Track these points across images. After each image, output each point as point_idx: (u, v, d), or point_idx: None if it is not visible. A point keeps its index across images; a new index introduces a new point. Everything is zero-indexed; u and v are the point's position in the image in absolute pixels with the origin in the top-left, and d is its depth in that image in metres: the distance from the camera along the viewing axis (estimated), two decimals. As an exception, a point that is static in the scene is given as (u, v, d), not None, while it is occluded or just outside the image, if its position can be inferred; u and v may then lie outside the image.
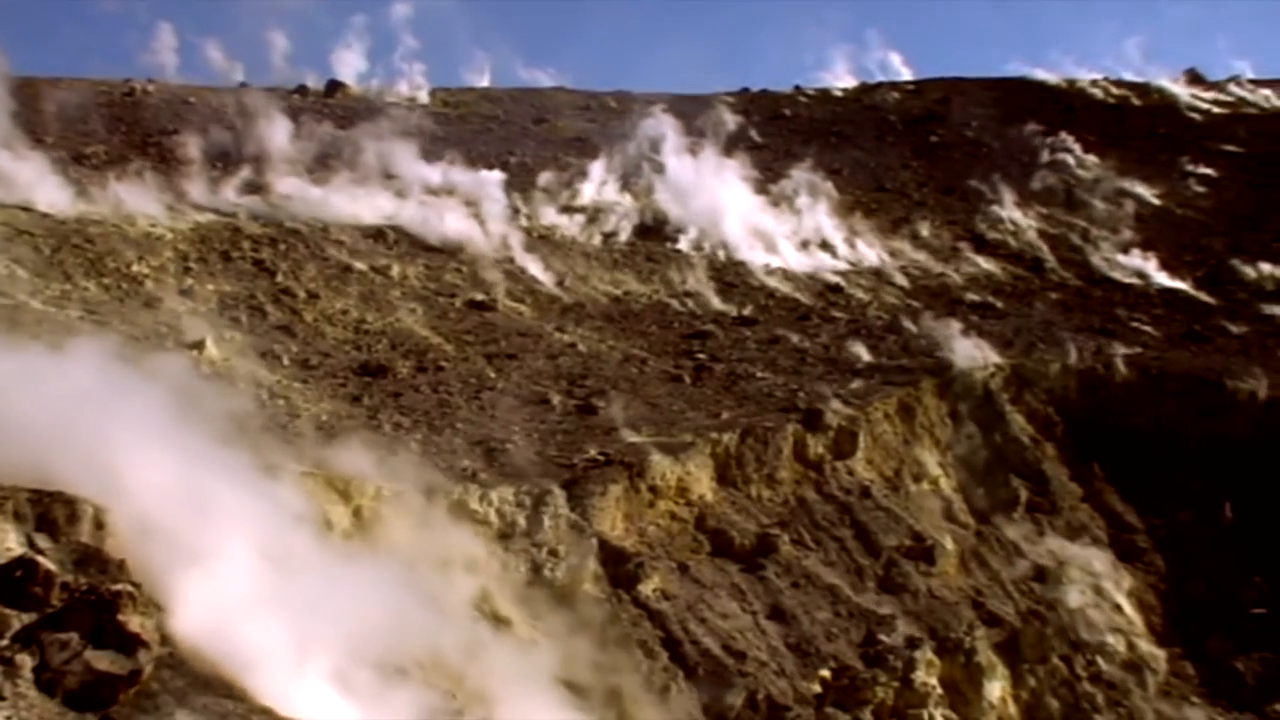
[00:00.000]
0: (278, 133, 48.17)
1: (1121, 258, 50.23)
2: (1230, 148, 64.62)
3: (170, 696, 12.10)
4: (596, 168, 51.22)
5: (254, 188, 42.12)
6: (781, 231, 50.01)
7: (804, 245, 49.39)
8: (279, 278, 35.76)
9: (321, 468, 21.59)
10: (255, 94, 54.22)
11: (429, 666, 18.42)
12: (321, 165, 45.18)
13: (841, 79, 78.18)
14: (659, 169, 51.45)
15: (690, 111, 58.18)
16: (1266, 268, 48.85)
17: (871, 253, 49.70)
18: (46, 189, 36.71)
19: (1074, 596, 30.22)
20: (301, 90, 61.11)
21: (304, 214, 41.02)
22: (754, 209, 50.94)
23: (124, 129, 48.16)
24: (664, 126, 53.82)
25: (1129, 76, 78.97)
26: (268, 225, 39.37)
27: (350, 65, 64.53)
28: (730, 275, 45.21)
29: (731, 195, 50.96)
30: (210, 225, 38.15)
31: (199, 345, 28.48)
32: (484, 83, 72.08)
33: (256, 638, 13.58)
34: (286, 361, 30.38)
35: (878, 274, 47.71)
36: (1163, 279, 48.35)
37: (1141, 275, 48.75)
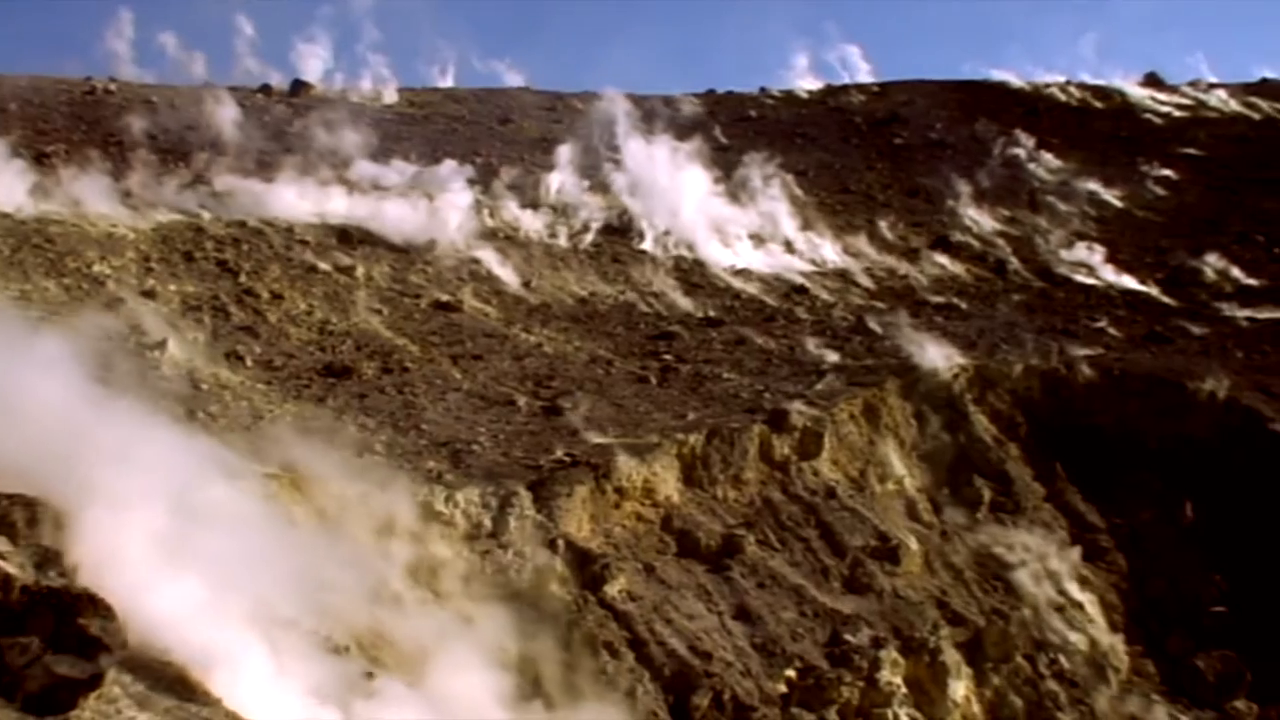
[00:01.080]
0: (240, 132, 47.95)
1: (1083, 259, 50.63)
2: (1190, 150, 65.39)
3: (131, 700, 12.02)
4: (562, 168, 51.17)
5: (216, 188, 41.84)
6: (746, 232, 50.14)
7: (769, 246, 49.53)
8: (242, 278, 35.57)
9: (285, 469, 21.48)
10: (218, 93, 53.94)
11: (366, 640, 18.51)
12: (285, 165, 44.92)
13: (802, 76, 78.74)
14: (624, 170, 51.44)
15: (655, 112, 58.26)
16: (1226, 269, 49.41)
17: (836, 254, 49.90)
18: (5, 188, 36.41)
19: (1037, 596, 30.38)
20: (265, 89, 60.89)
21: (267, 214, 40.80)
22: (718, 210, 51.04)
23: (84, 127, 47.83)
24: (629, 127, 53.85)
25: (1088, 77, 79.93)
26: (230, 225, 39.15)
27: (313, 58, 64.36)
28: (695, 276, 45.28)
29: (696, 196, 51.06)
30: (172, 225, 37.91)
31: (161, 346, 28.31)
32: (448, 82, 72.14)
33: (172, 592, 13.48)
34: (250, 363, 30.22)
35: (842, 275, 47.89)
36: (1124, 280, 48.79)
37: (1103, 277, 49.17)
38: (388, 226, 42.26)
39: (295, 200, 42.48)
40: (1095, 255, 50.86)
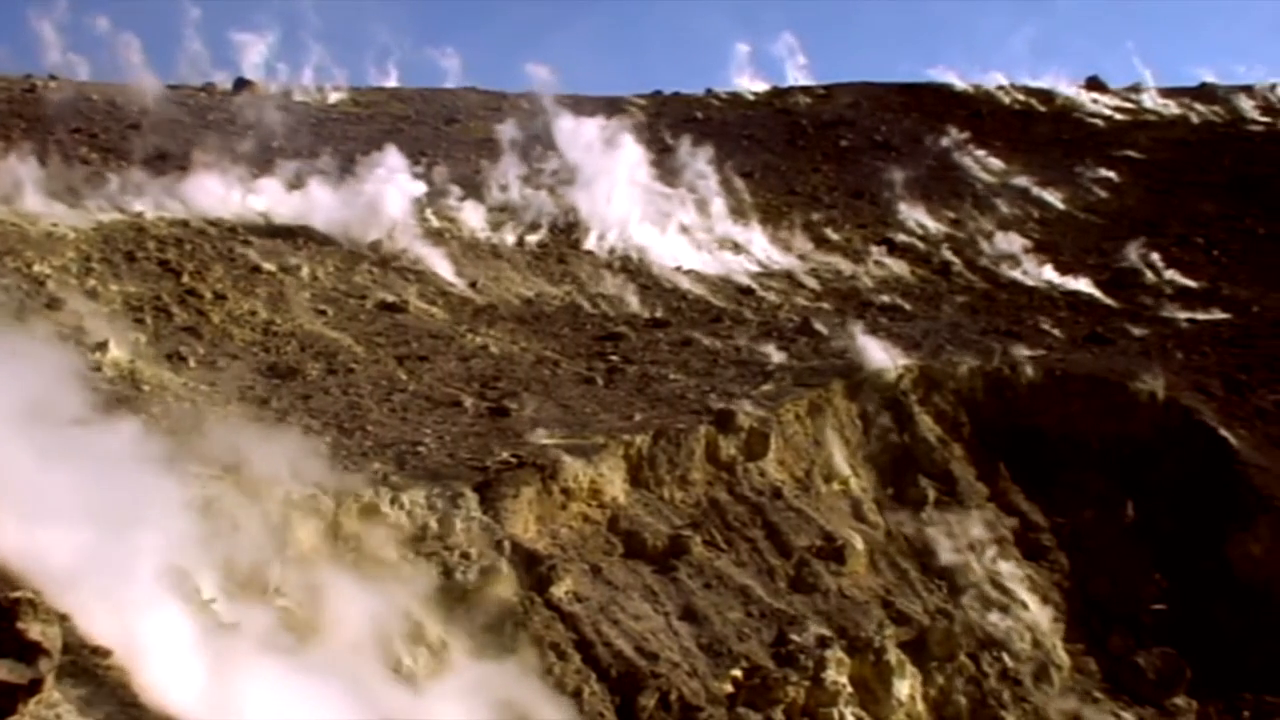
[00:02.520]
0: (183, 131, 47.52)
1: (1026, 261, 51.15)
2: (1131, 153, 66.27)
3: (72, 706, 11.87)
4: (508, 169, 51.08)
5: (159, 187, 41.41)
6: (693, 233, 50.25)
7: (715, 247, 49.68)
8: (185, 278, 35.20)
9: (229, 471, 21.28)
10: (161, 92, 53.45)
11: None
12: (228, 165, 44.52)
13: (742, 67, 79.51)
14: (571, 170, 51.39)
15: (601, 113, 58.24)
16: (1166, 272, 50.13)
17: (782, 255, 50.11)
18: (-57, 187, 35.93)
19: (980, 595, 30.62)
20: (208, 88, 60.43)
21: (210, 214, 40.48)
22: (664, 212, 51.13)
23: (24, 125, 47.23)
24: (576, 128, 53.78)
25: (1030, 80, 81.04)
26: (173, 225, 38.80)
27: (257, 45, 63.99)
28: (642, 277, 45.30)
29: (641, 198, 51.12)
30: (114, 225, 37.51)
31: (102, 347, 27.97)
32: (391, 80, 72.11)
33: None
34: (193, 364, 29.90)
35: (789, 276, 48.10)
36: (1066, 281, 49.33)
37: (1045, 278, 49.69)
38: (332, 226, 42.02)
39: (238, 200, 42.18)
40: (1037, 256, 51.39)
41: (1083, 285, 49.05)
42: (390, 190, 45.46)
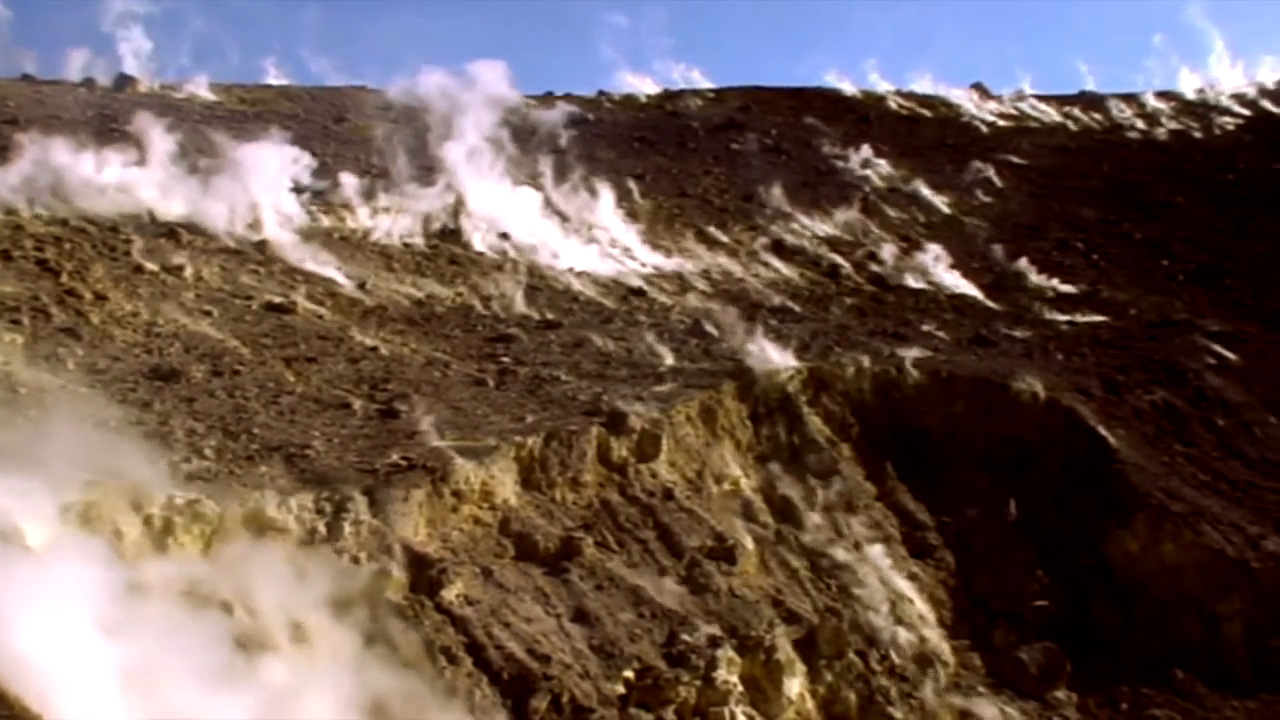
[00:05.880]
0: (62, 126, 46.38)
1: (913, 264, 51.94)
2: (1014, 159, 67.74)
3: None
4: (398, 168, 50.63)
5: (37, 183, 40.32)
6: (585, 235, 50.26)
7: (606, 249, 49.73)
8: (64, 278, 34.35)
9: (109, 476, 20.82)
10: (39, 87, 52.15)
11: None
12: (109, 161, 43.49)
13: (614, 52, 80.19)
14: (460, 170, 51.07)
15: (493, 113, 58.00)
16: (1046, 276, 51.28)
17: (673, 257, 50.32)
18: None
19: (868, 593, 30.98)
20: (89, 84, 59.09)
21: (90, 212, 39.55)
22: (556, 213, 51.09)
23: (-107, 120, 45.78)
24: (466, 127, 53.46)
25: (916, 88, 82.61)
26: (51, 223, 37.87)
27: (133, 42, 62.82)
28: (534, 279, 45.17)
29: (533, 199, 51.06)
30: (-12, 223, 36.52)
31: (-24, 348, 27.23)
32: (272, 78, 71.43)
33: None
34: (72, 366, 29.18)
35: (679, 278, 48.32)
36: (951, 284, 50.20)
37: (931, 281, 50.51)
38: (217, 225, 41.31)
39: (121, 198, 41.25)
40: (924, 260, 52.23)
41: (967, 288, 49.99)
42: (277, 189, 44.83)
